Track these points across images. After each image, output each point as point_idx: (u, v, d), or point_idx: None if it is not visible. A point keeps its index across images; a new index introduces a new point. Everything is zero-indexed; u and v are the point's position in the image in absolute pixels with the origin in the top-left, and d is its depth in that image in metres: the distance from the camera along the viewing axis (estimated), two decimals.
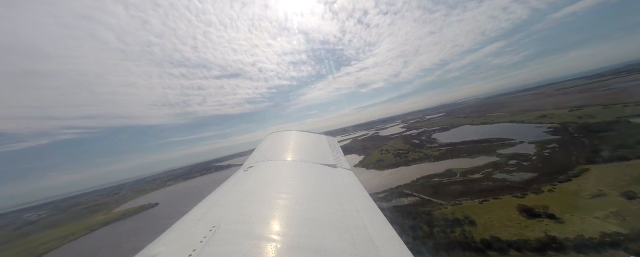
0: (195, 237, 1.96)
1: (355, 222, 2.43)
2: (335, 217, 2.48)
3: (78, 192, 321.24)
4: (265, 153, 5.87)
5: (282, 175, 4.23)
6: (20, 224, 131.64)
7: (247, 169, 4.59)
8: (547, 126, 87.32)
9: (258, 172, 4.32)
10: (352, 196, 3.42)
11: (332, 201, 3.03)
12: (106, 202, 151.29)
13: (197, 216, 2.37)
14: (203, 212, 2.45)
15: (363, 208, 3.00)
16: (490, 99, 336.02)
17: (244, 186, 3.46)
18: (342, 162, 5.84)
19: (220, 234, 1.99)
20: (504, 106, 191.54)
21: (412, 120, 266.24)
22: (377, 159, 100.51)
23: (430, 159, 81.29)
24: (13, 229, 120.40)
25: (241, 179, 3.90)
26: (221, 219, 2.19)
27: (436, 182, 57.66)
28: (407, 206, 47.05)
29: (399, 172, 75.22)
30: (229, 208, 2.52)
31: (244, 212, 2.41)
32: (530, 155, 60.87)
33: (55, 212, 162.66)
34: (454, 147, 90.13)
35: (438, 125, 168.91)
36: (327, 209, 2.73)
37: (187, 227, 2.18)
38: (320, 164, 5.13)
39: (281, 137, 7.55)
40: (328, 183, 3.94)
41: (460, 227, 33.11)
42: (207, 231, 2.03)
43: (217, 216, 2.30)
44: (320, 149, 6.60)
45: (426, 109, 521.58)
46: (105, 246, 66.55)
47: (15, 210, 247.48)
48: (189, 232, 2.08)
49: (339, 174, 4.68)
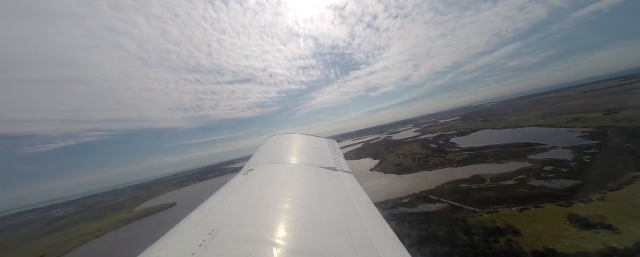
0: (195, 241, 1.95)
1: (355, 226, 2.38)
2: (335, 221, 2.43)
3: (100, 191, 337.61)
4: (266, 156, 5.81)
5: (282, 178, 4.18)
6: (51, 219, 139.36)
7: (247, 172, 4.51)
8: (581, 130, 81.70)
9: (258, 175, 4.27)
10: (352, 199, 3.36)
11: (331, 204, 2.98)
12: (127, 201, 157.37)
13: (196, 220, 2.32)
14: (202, 216, 2.40)
15: (363, 211, 2.91)
16: (509, 102, 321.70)
17: (243, 189, 3.41)
18: (342, 165, 5.72)
19: (219, 238, 1.98)
20: (526, 109, 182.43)
21: (425, 124, 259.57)
22: (395, 163, 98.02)
23: (452, 164, 78.08)
24: (45, 223, 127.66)
25: (241, 182, 3.83)
26: (220, 223, 2.15)
27: (464, 188, 54.96)
28: (436, 212, 44.93)
29: (421, 177, 72.68)
30: (228, 212, 2.47)
31: (244, 215, 2.37)
32: (568, 161, 56.76)
33: (80, 209, 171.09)
34: (478, 151, 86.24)
35: (454, 129, 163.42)
36: (327, 212, 2.68)
37: (187, 231, 2.14)
38: (320, 167, 5.03)
39: (282, 140, 7.48)
40: (328, 186, 3.88)
41: (504, 236, 30.89)
42: (206, 235, 2.01)
43: (216, 219, 2.25)
44: (321, 152, 6.52)
45: (439, 112, 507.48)
46: (129, 242, 68.65)
47: (44, 206, 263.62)
48: (188, 236, 2.06)
49: (339, 177, 4.59)
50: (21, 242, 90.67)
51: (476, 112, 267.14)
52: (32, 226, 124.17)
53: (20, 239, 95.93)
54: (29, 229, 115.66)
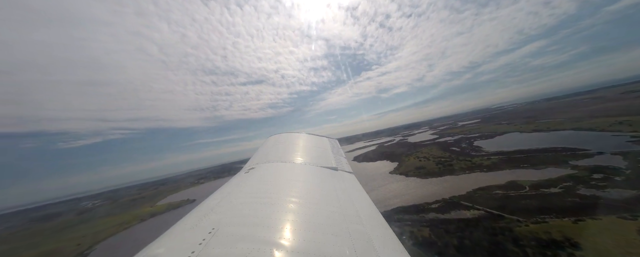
0: (195, 239, 1.96)
1: (356, 226, 2.36)
2: (335, 220, 2.42)
3: (123, 185, 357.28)
4: (267, 155, 5.77)
5: (283, 177, 4.14)
6: (81, 211, 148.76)
7: (248, 170, 4.47)
8: (630, 135, 74.09)
9: (259, 174, 4.24)
10: (353, 199, 3.31)
11: (332, 204, 2.94)
12: (149, 196, 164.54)
13: (197, 218, 2.31)
14: (203, 214, 2.38)
15: (363, 211, 2.88)
16: (535, 104, 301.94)
17: (244, 188, 3.37)
18: (343, 164, 5.68)
19: (219, 236, 1.98)
20: (556, 112, 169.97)
21: (442, 127, 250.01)
22: (416, 166, 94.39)
23: (481, 169, 73.70)
24: (76, 214, 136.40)
25: (242, 181, 3.80)
26: (221, 221, 2.15)
27: (500, 195, 51.29)
28: (474, 220, 42.02)
29: (447, 182, 69.17)
30: (229, 210, 2.46)
31: (244, 214, 2.35)
32: (621, 168, 51.29)
33: (106, 201, 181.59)
34: (508, 156, 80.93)
35: (476, 132, 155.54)
36: (328, 212, 2.65)
37: (187, 229, 2.14)
38: (321, 167, 5.01)
39: (284, 138, 7.43)
40: (329, 186, 3.84)
41: (563, 250, 27.91)
42: (206, 233, 2.01)
43: (217, 218, 2.25)
44: (322, 151, 6.48)
45: (456, 114, 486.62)
46: (157, 235, 71.06)
47: (73, 198, 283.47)
48: (189, 234, 2.06)
49: (340, 177, 4.56)
50: (57, 232, 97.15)
51: (498, 115, 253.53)
52: (65, 217, 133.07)
53: (57, 229, 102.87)
54: (63, 220, 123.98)
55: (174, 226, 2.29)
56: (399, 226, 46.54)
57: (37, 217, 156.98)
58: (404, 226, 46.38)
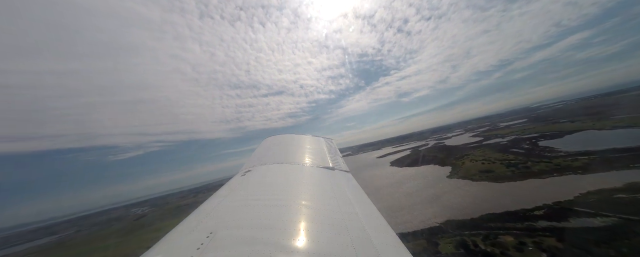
0: (193, 244, 1.95)
1: (354, 225, 2.34)
2: (333, 221, 2.33)
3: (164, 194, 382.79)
4: (263, 157, 5.65)
5: (279, 179, 4.07)
6: (134, 217, 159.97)
7: (244, 173, 4.41)
8: None
9: (256, 176, 4.17)
10: (350, 199, 3.26)
11: (330, 204, 2.86)
12: (191, 203, 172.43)
13: (194, 222, 2.23)
14: (200, 219, 2.29)
15: (362, 211, 2.85)
16: (591, 100, 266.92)
17: (241, 190, 3.34)
18: (340, 164, 5.50)
19: (217, 240, 1.97)
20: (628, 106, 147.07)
21: (480, 128, 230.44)
22: (480, 169, 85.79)
23: (574, 171, 63.97)
24: (132, 220, 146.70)
25: (238, 184, 3.76)
26: (218, 225, 2.09)
27: (626, 200, 42.98)
28: (613, 228, 34.89)
29: (535, 185, 60.98)
30: (226, 213, 2.37)
31: (242, 217, 2.26)
32: None
33: (153, 208, 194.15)
34: (601, 155, 69.68)
35: (532, 132, 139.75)
36: (326, 212, 2.56)
37: (184, 234, 2.10)
38: (318, 167, 4.89)
39: (279, 140, 7.49)
40: (326, 186, 3.79)
41: None
42: (204, 237, 2.00)
43: (214, 221, 2.20)
44: (318, 151, 6.35)
45: (491, 115, 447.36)
46: None
47: (124, 205, 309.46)
48: (186, 239, 2.04)
49: (337, 177, 4.48)
50: (126, 234, 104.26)
51: (548, 113, 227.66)
52: (124, 221, 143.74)
53: (123, 232, 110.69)
54: (124, 224, 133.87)
55: (172, 231, 2.13)
56: (504, 234, 40.60)
57: (100, 221, 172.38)
58: (509, 235, 40.31)
